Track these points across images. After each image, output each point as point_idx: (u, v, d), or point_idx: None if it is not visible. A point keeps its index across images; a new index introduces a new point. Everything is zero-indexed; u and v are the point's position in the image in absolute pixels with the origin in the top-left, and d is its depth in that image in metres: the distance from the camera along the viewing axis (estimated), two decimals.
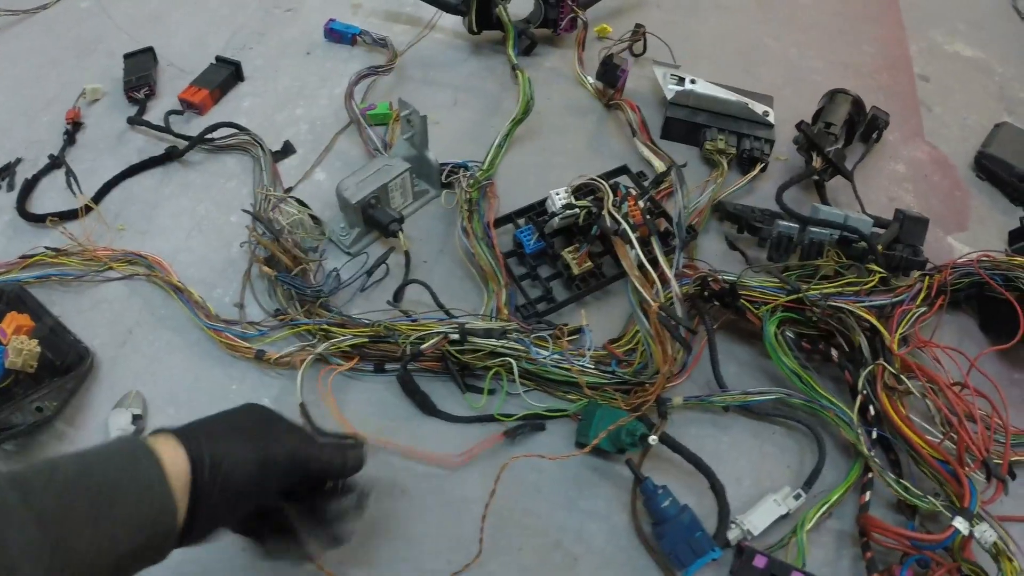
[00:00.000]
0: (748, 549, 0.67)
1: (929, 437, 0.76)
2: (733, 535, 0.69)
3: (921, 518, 0.73)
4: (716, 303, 0.81)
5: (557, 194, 0.82)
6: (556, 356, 0.75)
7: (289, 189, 0.93)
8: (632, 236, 0.73)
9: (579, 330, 0.78)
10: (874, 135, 1.06)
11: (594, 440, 0.68)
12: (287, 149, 0.97)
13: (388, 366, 0.78)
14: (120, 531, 0.46)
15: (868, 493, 0.74)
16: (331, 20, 1.06)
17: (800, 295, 0.78)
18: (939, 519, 0.71)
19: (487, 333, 0.75)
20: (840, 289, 0.82)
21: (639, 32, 1.06)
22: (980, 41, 1.33)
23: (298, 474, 0.55)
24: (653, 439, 0.69)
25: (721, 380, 0.78)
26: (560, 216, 0.81)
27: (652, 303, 0.71)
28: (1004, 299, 0.84)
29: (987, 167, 1.11)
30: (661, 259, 0.75)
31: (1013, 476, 0.80)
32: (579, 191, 0.82)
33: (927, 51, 1.28)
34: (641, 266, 0.76)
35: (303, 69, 1.04)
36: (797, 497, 0.72)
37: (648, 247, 0.76)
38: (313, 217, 0.87)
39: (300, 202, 0.88)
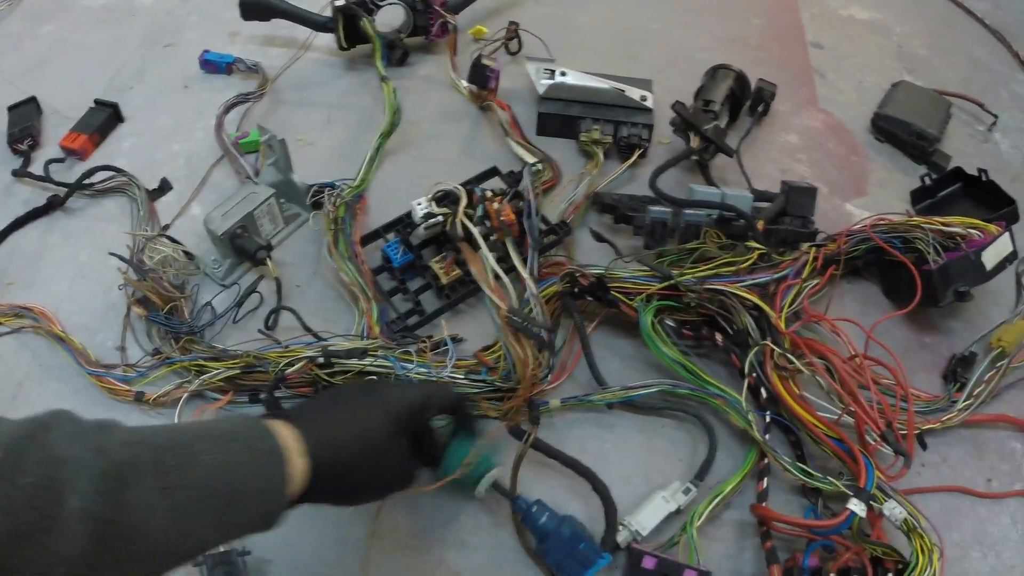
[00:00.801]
0: (636, 551, 0.65)
1: (826, 415, 0.74)
2: (622, 537, 0.67)
3: (826, 500, 0.71)
4: (589, 298, 0.79)
5: (419, 204, 0.80)
6: (422, 370, 0.73)
7: (166, 227, 0.92)
8: (481, 240, 0.72)
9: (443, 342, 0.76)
10: (760, 108, 1.04)
11: (445, 478, 0.64)
12: (164, 187, 0.96)
13: (262, 395, 0.77)
14: (233, 529, 0.49)
15: (766, 480, 0.72)
16: (205, 51, 1.05)
17: (672, 281, 0.77)
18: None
19: (349, 354, 0.74)
20: (715, 271, 0.80)
21: (512, 30, 1.05)
22: (876, 3, 1.32)
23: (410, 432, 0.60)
24: (482, 490, 0.66)
25: (599, 377, 0.76)
26: (424, 226, 0.80)
27: (500, 306, 0.69)
28: (904, 262, 0.82)
29: (884, 128, 1.10)
30: (516, 260, 0.73)
31: (924, 445, 0.79)
32: (443, 199, 0.81)
33: (820, 17, 1.27)
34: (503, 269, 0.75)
35: (180, 104, 1.03)
36: (687, 491, 0.70)
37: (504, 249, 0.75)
38: (186, 253, 0.86)
39: (172, 239, 0.86)
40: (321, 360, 0.74)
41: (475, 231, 0.72)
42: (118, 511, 0.41)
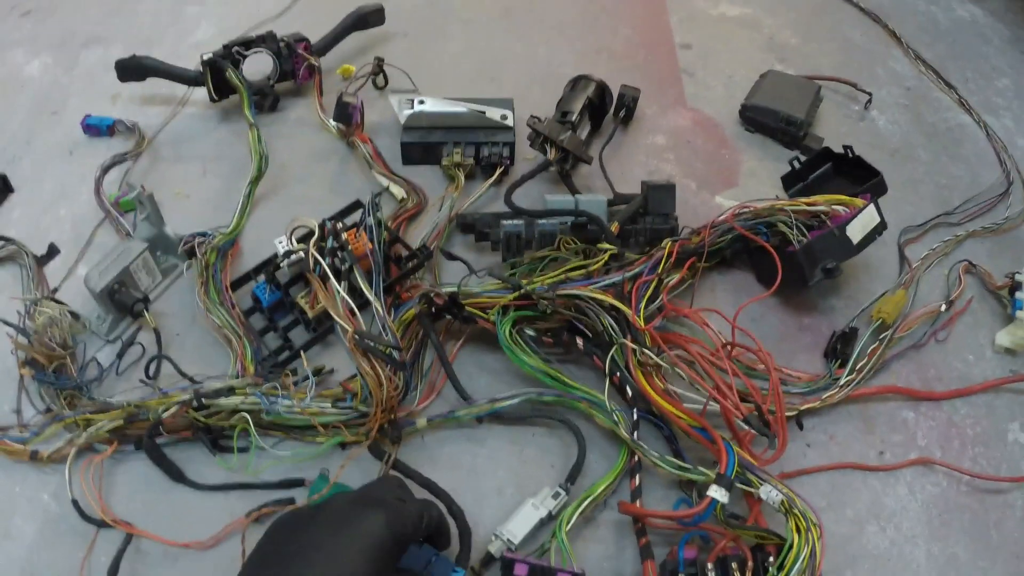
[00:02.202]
0: (507, 559, 0.66)
1: (692, 406, 0.76)
2: (495, 548, 0.69)
3: (701, 490, 0.72)
4: (448, 317, 0.83)
5: (280, 242, 0.84)
6: (286, 403, 0.76)
7: (55, 289, 0.95)
8: (328, 271, 0.75)
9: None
10: (621, 113, 1.08)
11: None
12: (52, 251, 0.99)
13: (143, 441, 0.80)
14: None
15: (638, 477, 0.73)
16: (87, 116, 1.09)
17: (522, 291, 0.80)
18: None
19: (218, 393, 0.77)
20: (564, 276, 0.83)
21: (377, 65, 1.09)
22: None
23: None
24: None
25: (463, 392, 0.79)
26: (287, 263, 0.84)
27: (347, 329, 0.72)
28: (764, 247, 0.85)
29: (753, 118, 1.14)
30: (363, 286, 0.76)
31: (800, 425, 0.82)
32: (304, 236, 0.84)
33: (688, 19, 1.31)
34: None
35: (66, 169, 1.06)
36: (557, 495, 0.73)
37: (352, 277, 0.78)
38: (72, 313, 0.89)
39: (57, 301, 0.90)
40: (195, 403, 0.77)
41: (323, 263, 0.76)
42: None
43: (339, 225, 0.80)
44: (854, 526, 0.75)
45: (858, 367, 0.85)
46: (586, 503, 0.71)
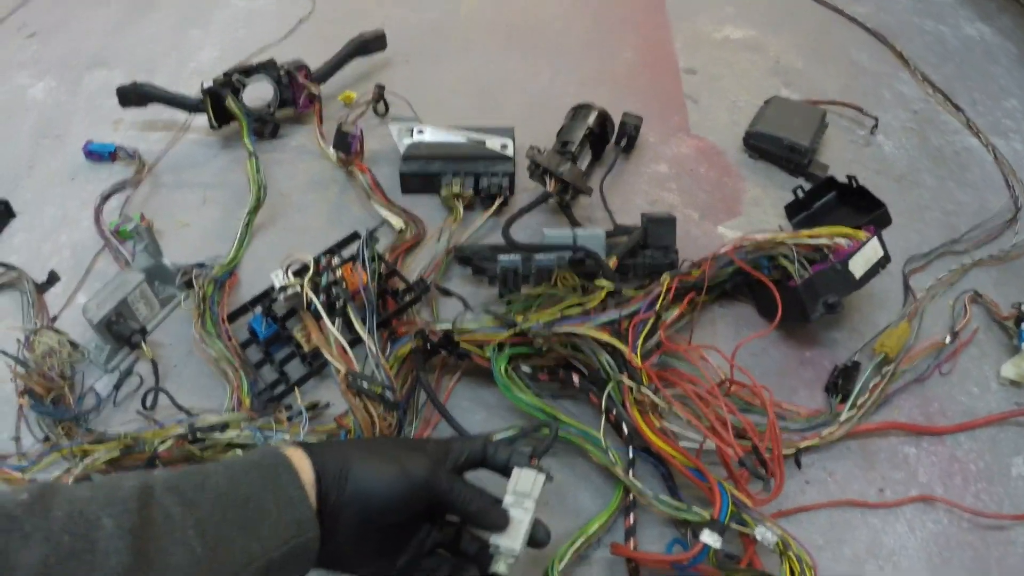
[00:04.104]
0: None
1: (689, 444, 0.75)
2: (502, 567, 0.64)
3: (695, 529, 0.69)
4: (444, 353, 0.82)
5: (276, 275, 0.83)
6: (280, 438, 0.76)
7: (54, 318, 0.96)
8: (321, 309, 0.75)
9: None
10: (623, 142, 1.07)
11: None
12: (52, 278, 0.99)
13: None
14: (267, 540, 0.50)
15: (632, 515, 0.73)
16: (88, 142, 1.09)
17: (517, 329, 0.79)
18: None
19: (212, 428, 0.77)
20: (560, 313, 0.82)
21: (377, 93, 1.09)
22: (750, 20, 1.35)
23: (430, 500, 0.59)
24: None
25: (458, 428, 0.78)
26: (284, 297, 0.83)
27: (339, 369, 0.72)
28: (772, 281, 0.84)
29: (757, 146, 1.12)
30: (356, 324, 0.76)
31: (799, 464, 0.81)
32: (300, 270, 0.84)
33: (692, 43, 1.30)
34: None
35: (67, 195, 1.07)
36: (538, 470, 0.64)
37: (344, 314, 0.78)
38: (71, 342, 0.90)
39: (56, 331, 0.90)
40: (189, 437, 0.77)
41: (316, 300, 0.76)
42: (149, 526, 0.45)
43: (334, 260, 0.80)
44: (853, 565, 0.74)
45: (859, 402, 0.84)
46: (580, 541, 0.70)
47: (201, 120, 1.09)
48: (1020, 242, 1.03)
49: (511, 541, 0.61)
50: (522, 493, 0.63)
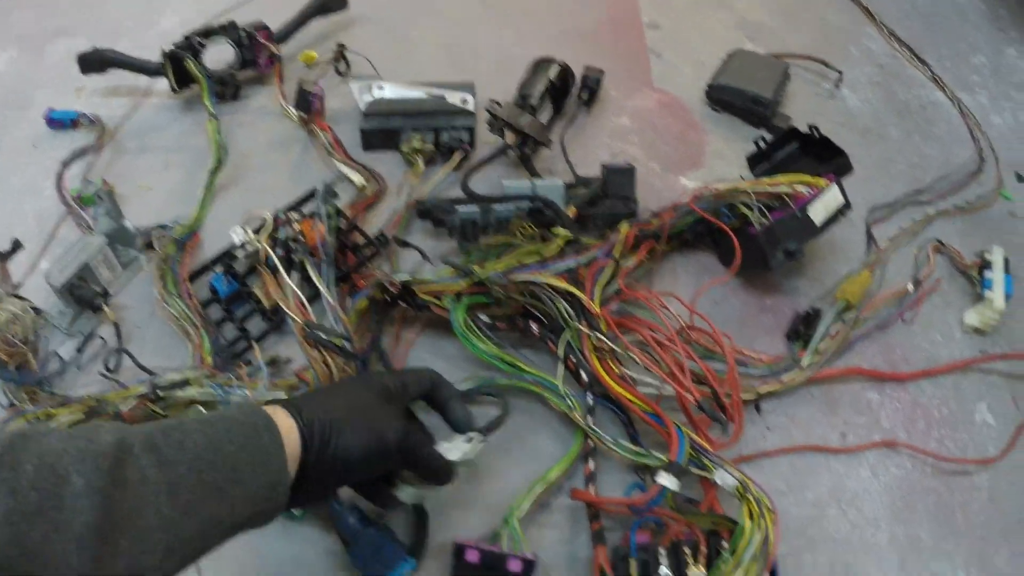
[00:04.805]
0: (459, 545, 0.65)
1: (648, 390, 0.76)
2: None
3: (654, 474, 0.70)
4: (403, 304, 0.82)
5: (235, 232, 0.83)
6: (241, 393, 0.76)
7: (17, 285, 0.95)
8: (278, 263, 0.75)
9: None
10: (583, 95, 1.07)
11: None
12: (15, 247, 0.98)
13: None
14: (238, 504, 0.50)
15: (591, 461, 0.73)
16: (50, 110, 1.08)
17: (475, 277, 0.79)
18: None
19: (173, 385, 0.77)
20: (518, 261, 0.83)
21: (338, 52, 1.08)
22: None
23: (402, 462, 0.62)
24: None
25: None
26: (244, 254, 0.83)
27: (296, 320, 0.72)
28: (733, 229, 0.84)
29: (719, 98, 1.13)
30: (313, 276, 0.76)
31: (758, 409, 0.81)
32: (260, 227, 0.84)
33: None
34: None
35: (30, 164, 1.06)
36: (469, 440, 0.67)
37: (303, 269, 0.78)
38: (34, 308, 0.89)
39: (20, 297, 0.90)
40: (151, 395, 0.77)
41: (273, 255, 0.75)
42: (120, 486, 0.44)
43: (294, 215, 0.80)
44: (814, 509, 0.75)
45: (821, 349, 0.85)
46: (539, 488, 0.71)
47: (163, 85, 1.08)
48: (984, 193, 1.04)
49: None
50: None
